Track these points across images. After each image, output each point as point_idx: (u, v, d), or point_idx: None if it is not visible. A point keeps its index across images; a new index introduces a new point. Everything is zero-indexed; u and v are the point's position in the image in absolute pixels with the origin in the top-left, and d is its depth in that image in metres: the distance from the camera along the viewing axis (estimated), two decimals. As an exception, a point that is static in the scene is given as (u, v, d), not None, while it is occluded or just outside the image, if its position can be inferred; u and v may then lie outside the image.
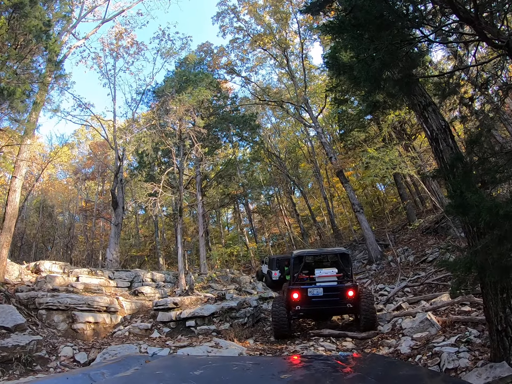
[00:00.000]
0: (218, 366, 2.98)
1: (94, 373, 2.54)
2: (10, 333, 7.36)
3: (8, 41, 12.44)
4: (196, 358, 5.29)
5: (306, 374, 2.86)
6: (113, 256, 21.68)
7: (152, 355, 3.46)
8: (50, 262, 16.59)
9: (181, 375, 2.63)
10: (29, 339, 7.13)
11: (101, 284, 14.11)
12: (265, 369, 2.97)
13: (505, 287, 5.12)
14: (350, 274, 10.12)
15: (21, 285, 13.33)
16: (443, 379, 3.18)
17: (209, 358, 4.85)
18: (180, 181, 15.79)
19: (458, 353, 5.99)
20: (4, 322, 7.61)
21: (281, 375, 2.64)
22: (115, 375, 2.50)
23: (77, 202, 38.98)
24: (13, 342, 6.81)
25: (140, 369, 2.69)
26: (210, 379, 2.47)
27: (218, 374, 2.65)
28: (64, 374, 5.52)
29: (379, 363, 3.63)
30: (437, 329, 7.79)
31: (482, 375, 5.06)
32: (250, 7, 29.77)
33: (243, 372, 2.76)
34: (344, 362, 3.12)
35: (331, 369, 2.91)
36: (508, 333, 5.07)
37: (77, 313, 10.39)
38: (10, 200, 14.06)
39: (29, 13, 12.62)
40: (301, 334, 9.75)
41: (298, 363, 3.64)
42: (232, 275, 18.82)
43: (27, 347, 6.84)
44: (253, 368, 2.93)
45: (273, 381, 2.52)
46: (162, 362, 3.31)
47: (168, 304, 11.39)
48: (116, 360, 3.74)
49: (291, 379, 2.54)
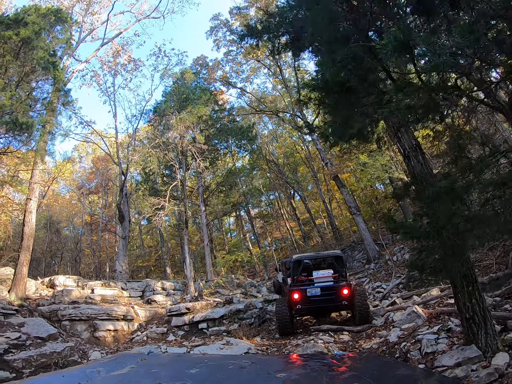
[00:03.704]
0: (214, 365, 3.03)
1: (90, 371, 2.64)
2: (45, 342, 8.34)
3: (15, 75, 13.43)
4: (192, 356, 5.24)
5: (301, 373, 2.92)
6: (123, 268, 22.54)
7: (148, 353, 3.76)
8: (64, 277, 17.49)
9: (177, 374, 2.64)
10: (63, 346, 8.12)
11: (115, 295, 15.05)
12: (261, 368, 2.99)
13: (470, 281, 5.98)
14: (345, 274, 11.10)
15: (41, 299, 14.26)
16: (438, 379, 3.50)
17: (205, 357, 5.00)
18: (184, 194, 16.79)
19: (437, 339, 6.85)
20: (39, 332, 8.60)
21: (277, 374, 2.68)
22: (111, 373, 2.56)
23: (82, 216, 39.75)
24: (50, 349, 7.79)
25: (136, 367, 2.74)
26: (206, 378, 2.53)
27: (214, 373, 2.71)
28: (60, 372, 5.70)
29: (375, 363, 3.79)
30: (423, 320, 8.60)
31: (454, 356, 5.89)
32: (242, 19, 30.74)
33: (239, 371, 2.78)
34: (339, 361, 3.24)
35: (327, 368, 2.97)
36: (475, 320, 5.87)
37: (98, 322, 11.37)
38: (26, 221, 15.04)
39: (36, 46, 13.63)
40: (303, 331, 10.74)
41: (294, 362, 3.76)
42: (238, 281, 19.78)
43: (62, 353, 7.81)
44: (249, 367, 2.94)
45: (269, 380, 2.55)
46: (158, 360, 3.36)
47: (181, 309, 12.39)
48: (113, 357, 4.08)
49: (286, 378, 2.61)
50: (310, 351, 7.84)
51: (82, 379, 2.50)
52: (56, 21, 17.19)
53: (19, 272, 14.15)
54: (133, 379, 2.52)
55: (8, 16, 13.88)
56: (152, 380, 2.43)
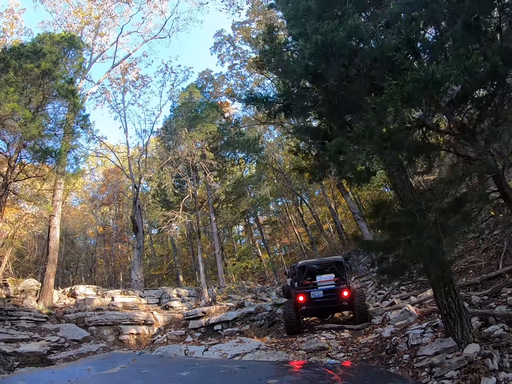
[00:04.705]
0: (205, 368, 3.04)
1: (80, 368, 2.72)
2: (80, 344, 9.53)
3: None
4: (184, 359, 5.24)
5: (293, 380, 2.94)
6: (138, 277, 23.64)
7: (139, 354, 3.72)
8: (84, 286, 18.70)
9: (168, 375, 2.68)
10: (97, 346, 9.29)
11: (134, 302, 16.21)
12: (252, 373, 3.02)
13: (447, 282, 6.91)
14: (345, 278, 12.17)
15: (65, 308, 15.45)
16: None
17: (197, 360, 4.83)
18: (196, 206, 17.99)
19: (423, 334, 7.80)
20: (74, 336, 9.80)
21: (268, 380, 2.72)
22: (101, 372, 2.61)
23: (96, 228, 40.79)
24: (86, 349, 8.96)
25: (127, 367, 2.80)
26: (197, 381, 2.57)
27: (204, 376, 2.74)
28: (50, 368, 5.72)
29: (368, 373, 3.94)
30: (415, 317, 9.49)
31: (434, 347, 6.80)
32: (244, 33, 31.86)
33: (230, 376, 2.80)
34: (332, 370, 3.29)
35: (319, 376, 3.02)
36: (451, 316, 6.73)
37: (122, 326, 12.53)
38: (51, 236, 16.33)
39: (56, 76, 14.84)
40: (309, 330, 11.79)
41: (286, 369, 3.73)
42: (248, 286, 20.89)
43: (97, 352, 8.95)
44: (240, 372, 2.97)
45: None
46: (148, 361, 3.40)
47: (198, 313, 13.61)
48: (104, 356, 3.98)
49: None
50: (313, 346, 8.91)
51: (72, 376, 2.57)
52: (69, 47, 18.36)
53: (46, 283, 15.40)
54: (123, 379, 2.54)
55: (27, 47, 15.02)
56: (143, 381, 2.46)
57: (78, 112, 15.40)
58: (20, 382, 3.89)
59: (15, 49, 14.72)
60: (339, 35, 4.41)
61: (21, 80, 13.20)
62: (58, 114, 15.77)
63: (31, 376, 3.42)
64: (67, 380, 2.64)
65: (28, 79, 13.97)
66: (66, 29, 24.90)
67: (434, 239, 5.53)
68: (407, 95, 3.98)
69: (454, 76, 3.90)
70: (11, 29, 25.03)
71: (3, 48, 15.67)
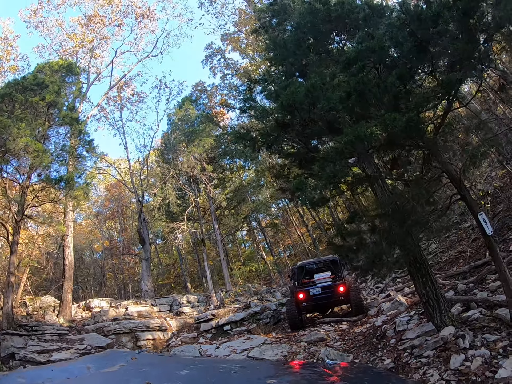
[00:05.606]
0: (205, 368, 3.02)
1: (80, 367, 2.73)
2: (105, 350, 10.57)
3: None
4: (183, 358, 5.03)
5: (292, 380, 2.87)
6: (148, 287, 24.64)
7: (139, 353, 3.82)
8: (98, 299, 19.72)
9: (167, 374, 2.59)
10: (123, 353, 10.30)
11: (147, 310, 17.23)
12: (252, 373, 2.96)
13: (424, 274, 7.75)
14: (340, 274, 13.16)
15: (83, 320, 16.49)
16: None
17: (196, 359, 4.65)
18: (199, 216, 19.04)
19: (409, 321, 8.67)
20: (98, 343, 10.89)
21: (267, 379, 2.65)
22: (101, 370, 2.57)
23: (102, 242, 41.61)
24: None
25: (126, 365, 2.78)
26: (196, 380, 2.51)
27: (204, 376, 2.66)
28: (50, 365, 5.55)
29: (367, 373, 3.77)
30: (405, 307, 10.28)
31: (416, 331, 7.68)
32: (233, 43, 32.78)
33: (229, 375, 2.72)
34: (330, 370, 3.26)
35: (317, 376, 2.98)
36: (430, 303, 7.54)
37: (139, 333, 13.57)
38: (66, 254, 17.42)
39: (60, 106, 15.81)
40: (311, 324, 12.83)
41: (286, 369, 3.64)
42: (254, 289, 21.90)
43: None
44: (240, 371, 2.91)
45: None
46: (148, 360, 3.29)
47: (208, 316, 14.72)
48: (103, 354, 4.05)
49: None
50: (314, 338, 9.92)
51: (71, 374, 2.53)
52: (67, 74, 19.37)
53: (65, 299, 16.45)
54: (122, 378, 2.51)
55: (29, 79, 15.86)
56: (142, 380, 2.43)
57: (82, 137, 16.41)
58: (19, 379, 4.12)
59: (18, 83, 15.57)
60: (299, 96, 5.68)
61: (28, 113, 14.16)
62: (64, 141, 16.75)
63: (30, 373, 3.50)
64: (66, 378, 2.70)
65: (35, 112, 14.95)
66: (62, 53, 26.09)
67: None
68: (340, 150, 5.36)
69: (375, 134, 5.17)
70: (8, 57, 26.11)
71: (7, 82, 16.58)
